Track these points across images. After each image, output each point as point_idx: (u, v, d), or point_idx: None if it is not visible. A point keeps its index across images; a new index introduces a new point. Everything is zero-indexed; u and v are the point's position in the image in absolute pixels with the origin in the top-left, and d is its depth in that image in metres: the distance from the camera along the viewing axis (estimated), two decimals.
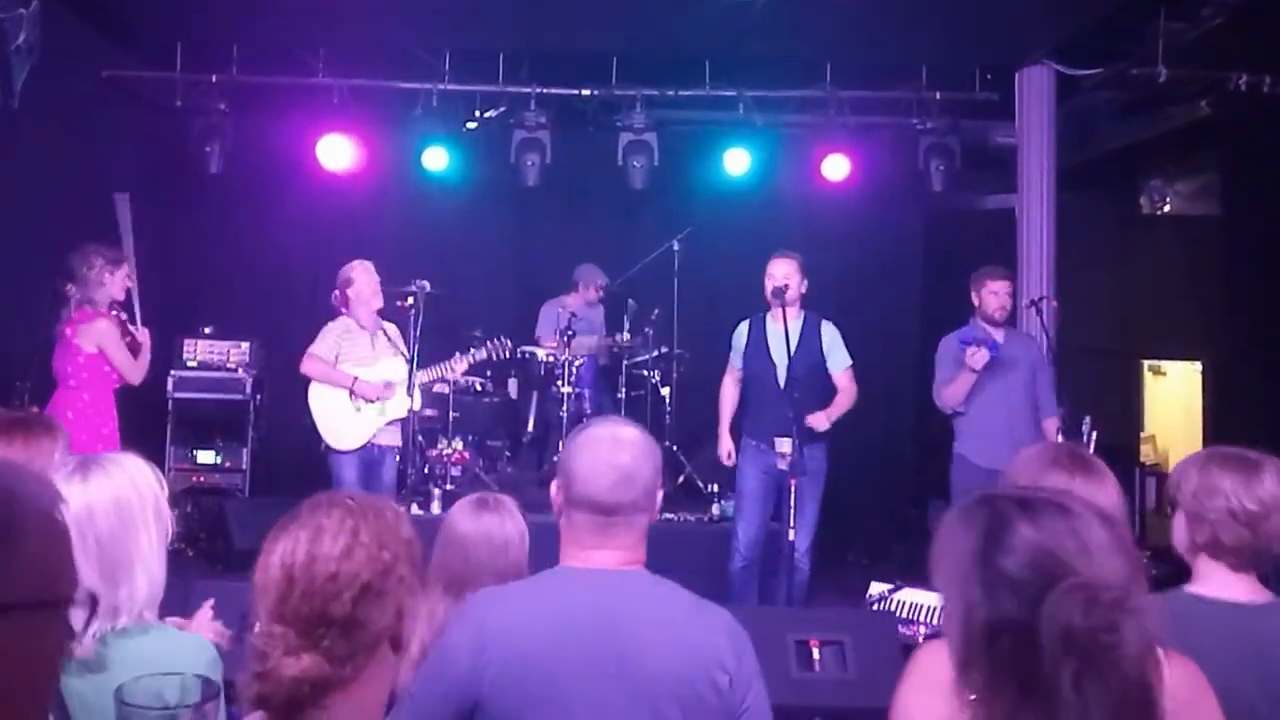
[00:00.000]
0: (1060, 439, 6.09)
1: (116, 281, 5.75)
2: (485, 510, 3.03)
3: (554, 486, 2.30)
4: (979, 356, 5.99)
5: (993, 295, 6.21)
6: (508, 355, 7.35)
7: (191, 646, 2.29)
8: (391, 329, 6.68)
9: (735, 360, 6.35)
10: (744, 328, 6.34)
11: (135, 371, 5.71)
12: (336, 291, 6.58)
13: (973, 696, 1.33)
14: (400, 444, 6.63)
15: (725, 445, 6.33)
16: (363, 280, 6.52)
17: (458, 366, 6.90)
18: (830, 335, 6.24)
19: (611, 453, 2.22)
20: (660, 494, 2.28)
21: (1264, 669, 2.25)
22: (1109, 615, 1.28)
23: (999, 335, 6.21)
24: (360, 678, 1.60)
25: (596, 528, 2.20)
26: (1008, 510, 1.40)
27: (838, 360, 6.22)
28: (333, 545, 1.59)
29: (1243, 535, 2.40)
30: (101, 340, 5.64)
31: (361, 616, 1.58)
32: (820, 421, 6.03)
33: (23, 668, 0.99)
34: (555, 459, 6.92)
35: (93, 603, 1.09)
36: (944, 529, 1.51)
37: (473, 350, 7.02)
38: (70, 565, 1.04)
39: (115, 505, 2.17)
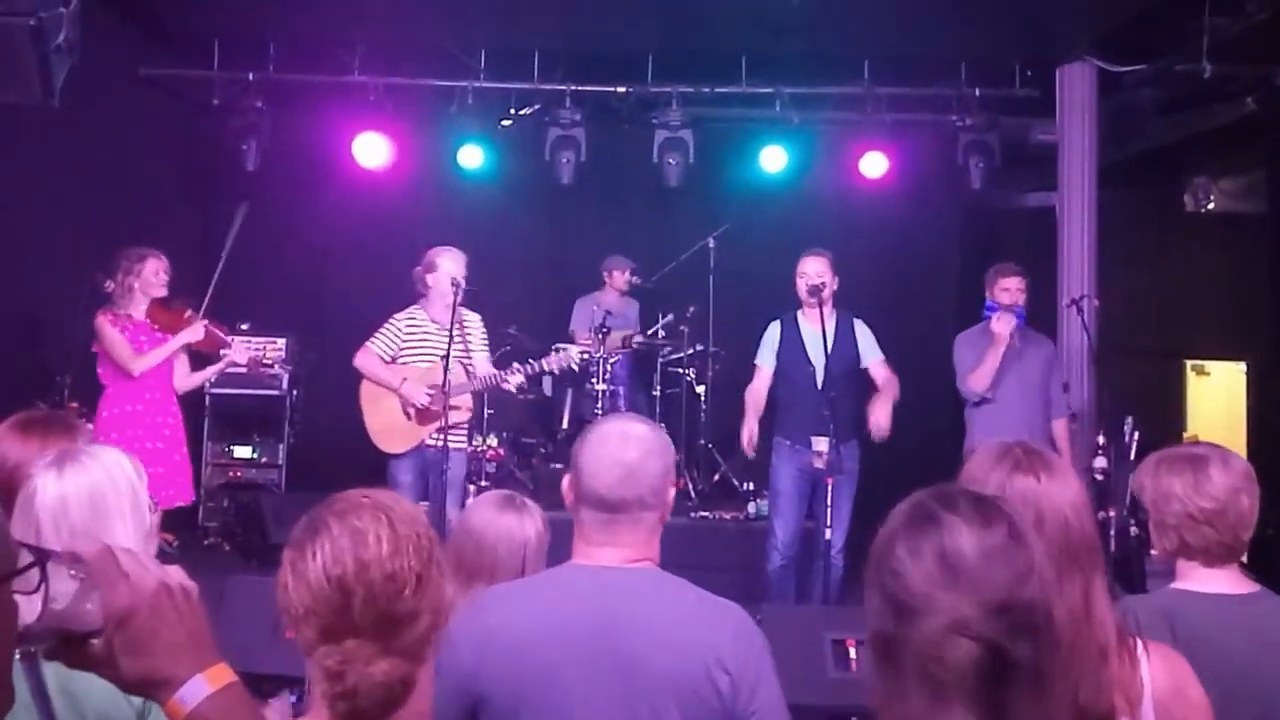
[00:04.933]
0: (1069, 439, 6.11)
1: (145, 278, 5.80)
2: (508, 509, 3.02)
3: (565, 482, 2.30)
4: (1005, 320, 6.01)
5: (1005, 293, 6.18)
6: (575, 367, 6.71)
7: None
8: (473, 319, 6.20)
9: (767, 359, 6.25)
10: (776, 327, 6.26)
11: (134, 361, 5.68)
12: (419, 269, 6.12)
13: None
14: (466, 444, 6.15)
15: (749, 431, 6.18)
16: (445, 268, 5.97)
17: (513, 379, 6.23)
18: (864, 332, 6.25)
19: (618, 449, 2.20)
20: (671, 493, 2.26)
21: (1264, 654, 2.25)
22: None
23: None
24: (424, 669, 1.60)
25: (602, 524, 2.19)
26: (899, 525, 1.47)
27: (871, 353, 6.21)
28: (379, 546, 1.56)
29: (1206, 533, 2.39)
30: (100, 335, 5.71)
31: (419, 608, 1.57)
32: (883, 424, 6.02)
33: (5, 632, 1.13)
34: None
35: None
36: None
37: (531, 362, 6.35)
38: (11, 540, 1.16)
39: (90, 497, 2.13)
